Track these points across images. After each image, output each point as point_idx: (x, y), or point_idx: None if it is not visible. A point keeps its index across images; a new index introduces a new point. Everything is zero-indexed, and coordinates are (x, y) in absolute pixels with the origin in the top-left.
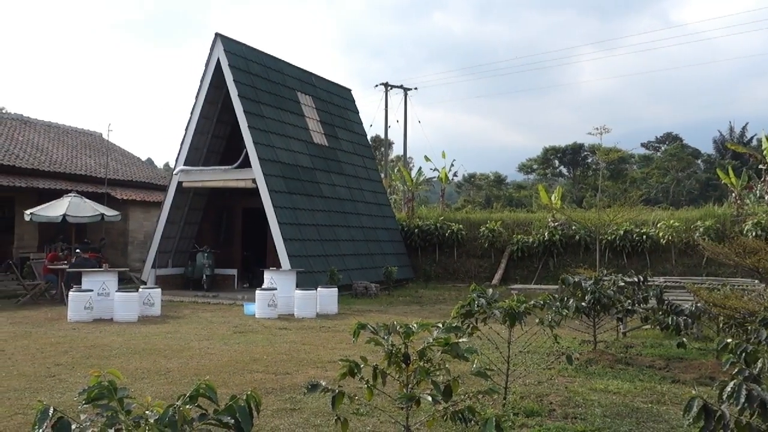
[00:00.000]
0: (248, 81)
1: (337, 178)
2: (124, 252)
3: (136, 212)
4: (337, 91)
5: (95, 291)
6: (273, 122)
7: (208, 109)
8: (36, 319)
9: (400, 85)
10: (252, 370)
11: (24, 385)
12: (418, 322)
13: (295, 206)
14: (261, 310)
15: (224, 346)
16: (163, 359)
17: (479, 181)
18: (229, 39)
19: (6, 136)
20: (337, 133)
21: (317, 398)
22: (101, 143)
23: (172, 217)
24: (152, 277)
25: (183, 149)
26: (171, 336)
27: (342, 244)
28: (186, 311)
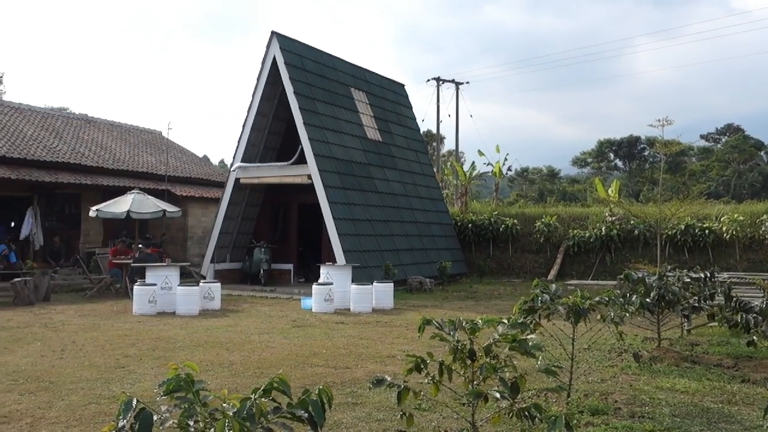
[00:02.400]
0: (303, 78)
1: (391, 174)
2: (184, 247)
3: (194, 208)
4: (391, 87)
5: (158, 285)
6: (327, 118)
7: (265, 107)
8: (103, 311)
9: (451, 80)
10: (312, 363)
11: (95, 375)
12: (483, 318)
13: (350, 202)
14: (318, 305)
15: (284, 340)
16: (225, 352)
17: (532, 175)
18: (285, 37)
19: (72, 135)
20: (390, 128)
21: (378, 392)
22: (161, 141)
23: (229, 212)
24: (211, 272)
25: (240, 146)
26: (232, 329)
27: (396, 239)
28: (245, 305)
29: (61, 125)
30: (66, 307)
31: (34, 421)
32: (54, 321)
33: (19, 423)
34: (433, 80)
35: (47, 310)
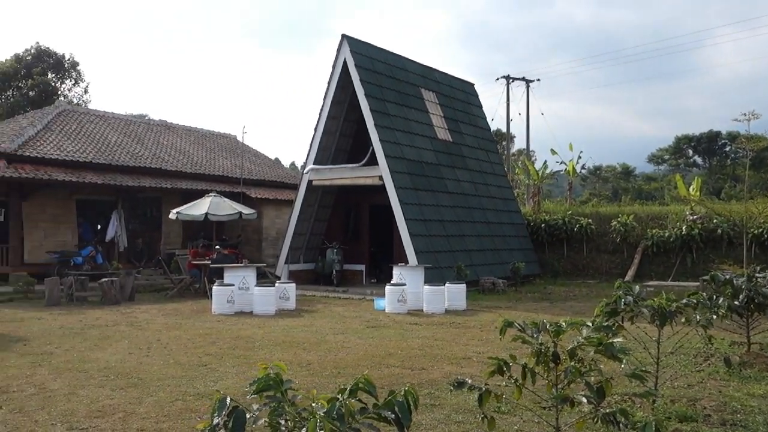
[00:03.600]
0: (374, 80)
1: (462, 174)
2: (258, 248)
3: (268, 210)
4: (460, 86)
5: (236, 285)
6: (398, 119)
7: (336, 109)
8: (183, 311)
9: (522, 77)
10: (388, 364)
11: (180, 373)
12: (566, 320)
13: (421, 202)
14: (391, 305)
15: (359, 340)
16: (302, 351)
17: (605, 173)
18: (355, 39)
19: (153, 140)
20: (460, 128)
21: (457, 394)
22: (236, 145)
23: (303, 214)
24: (285, 272)
25: (312, 149)
26: (307, 329)
27: (468, 239)
28: (319, 305)
29: (143, 131)
30: (149, 307)
31: (126, 416)
32: (139, 320)
33: (112, 417)
34: (503, 78)
35: (132, 309)
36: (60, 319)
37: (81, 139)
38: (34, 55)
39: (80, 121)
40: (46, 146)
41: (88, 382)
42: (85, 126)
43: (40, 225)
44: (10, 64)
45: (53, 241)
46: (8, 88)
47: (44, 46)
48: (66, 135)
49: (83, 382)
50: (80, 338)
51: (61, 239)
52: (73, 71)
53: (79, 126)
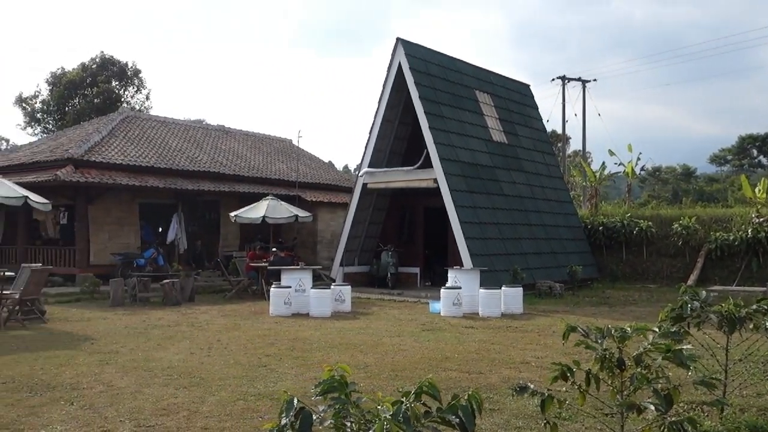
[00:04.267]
0: (428, 82)
1: (518, 176)
2: (314, 250)
3: (323, 213)
4: (515, 88)
5: (293, 287)
6: (453, 122)
7: (390, 113)
8: (242, 312)
9: (577, 78)
10: (446, 368)
11: (241, 373)
12: (631, 326)
13: (476, 205)
14: (446, 309)
15: (415, 343)
16: (359, 354)
17: (665, 174)
18: (410, 42)
19: (211, 145)
20: (516, 130)
21: (516, 399)
22: (292, 149)
23: (357, 217)
24: (340, 275)
25: (367, 152)
26: (364, 331)
27: (524, 242)
28: (374, 308)
29: (201, 136)
30: (209, 308)
31: (190, 415)
32: (199, 320)
33: (177, 416)
34: (558, 79)
35: (193, 310)
36: (124, 319)
37: (143, 144)
38: (99, 64)
39: (142, 126)
40: (111, 151)
41: (153, 380)
42: (147, 131)
43: (105, 228)
44: (77, 73)
45: (117, 243)
46: (75, 96)
47: (108, 55)
48: (129, 140)
49: (148, 380)
50: (144, 338)
51: (125, 241)
52: (136, 79)
53: (142, 132)
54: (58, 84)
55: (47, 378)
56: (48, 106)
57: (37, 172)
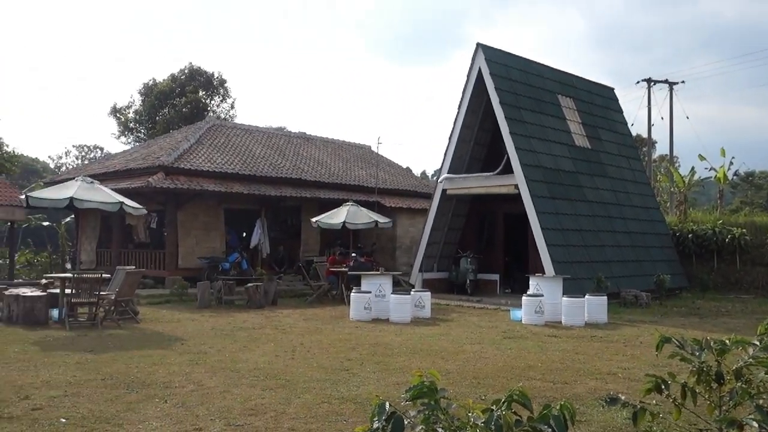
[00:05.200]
0: (509, 87)
1: (601, 182)
2: (392, 256)
3: (402, 218)
4: (599, 91)
5: (373, 293)
6: (534, 127)
7: (470, 118)
8: (323, 316)
9: (664, 80)
10: (528, 377)
11: (324, 376)
12: (730, 338)
13: (558, 211)
14: (527, 316)
15: (497, 351)
16: (441, 360)
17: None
18: (490, 48)
19: (293, 152)
20: (599, 134)
21: (605, 411)
22: (371, 155)
23: (436, 223)
24: (419, 281)
25: (446, 158)
26: (444, 338)
27: (608, 249)
28: (453, 314)
29: (283, 143)
30: (291, 311)
31: (277, 416)
32: (282, 324)
33: (264, 416)
34: (644, 82)
35: (276, 313)
36: (211, 321)
37: (228, 151)
38: (188, 74)
39: (228, 134)
40: (198, 159)
41: (240, 381)
42: (232, 139)
43: (193, 232)
44: (167, 83)
45: (204, 247)
46: (165, 106)
47: (196, 66)
48: (215, 148)
49: (236, 381)
50: (230, 339)
51: (211, 245)
52: (221, 88)
53: (227, 139)
54: (150, 94)
55: (142, 376)
56: (140, 115)
57: (130, 178)
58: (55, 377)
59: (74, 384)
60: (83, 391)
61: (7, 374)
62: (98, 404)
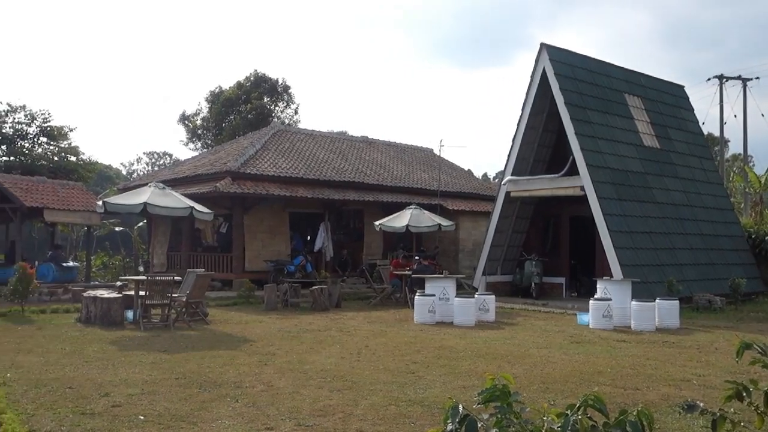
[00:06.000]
0: (574, 87)
1: (671, 182)
2: (455, 259)
3: (465, 221)
4: (668, 89)
5: (437, 296)
6: (600, 127)
7: (534, 119)
8: (386, 319)
9: (737, 76)
10: (598, 382)
11: (390, 378)
12: None
13: (626, 213)
14: (595, 321)
15: (564, 356)
16: (507, 364)
17: None
18: (554, 47)
19: (355, 156)
20: (669, 134)
21: (679, 418)
22: (433, 158)
23: (500, 226)
24: (483, 284)
25: (510, 160)
26: (509, 342)
27: (678, 252)
28: (518, 318)
29: (346, 147)
30: (355, 314)
31: (345, 417)
32: (347, 326)
33: (333, 417)
34: (715, 78)
35: (340, 315)
36: (278, 323)
37: (293, 156)
38: (253, 81)
39: (292, 140)
40: (264, 164)
41: (308, 382)
42: (296, 144)
43: (258, 236)
44: (233, 91)
45: (269, 250)
46: (231, 113)
47: (261, 73)
48: (280, 153)
49: (304, 382)
50: (297, 341)
51: (276, 249)
52: (285, 94)
53: (291, 144)
54: (216, 102)
55: (213, 376)
56: (207, 122)
57: (199, 184)
58: (132, 376)
59: (150, 382)
60: (159, 390)
61: (88, 372)
62: (173, 402)
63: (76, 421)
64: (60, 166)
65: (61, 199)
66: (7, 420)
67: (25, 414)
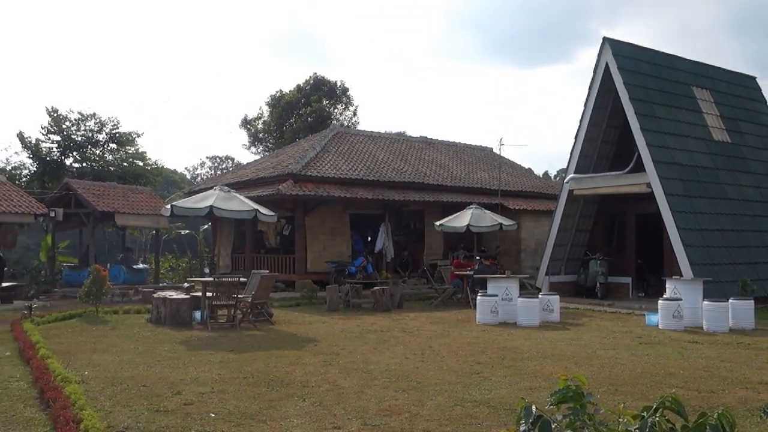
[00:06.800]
0: (638, 82)
1: (744, 178)
2: (517, 259)
3: (526, 221)
4: (739, 81)
5: (499, 296)
6: (667, 122)
7: (597, 116)
8: (448, 319)
9: None
10: (669, 384)
11: (455, 379)
12: None
13: (696, 210)
14: (665, 321)
15: (633, 357)
16: (573, 366)
17: None
18: (617, 41)
19: (415, 156)
20: (740, 127)
21: (759, 422)
22: (493, 157)
23: (563, 224)
24: (546, 284)
25: (573, 158)
26: (575, 343)
27: (753, 251)
28: (584, 319)
29: (405, 148)
30: (417, 314)
31: (412, 417)
32: (410, 326)
33: (399, 417)
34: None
35: (402, 316)
36: (341, 323)
37: (353, 158)
38: (312, 85)
39: (351, 141)
40: (324, 166)
41: (373, 382)
42: (356, 146)
43: (320, 237)
44: (293, 94)
45: (331, 251)
46: (291, 116)
47: (320, 76)
48: (340, 155)
49: (369, 382)
50: (360, 341)
51: (337, 250)
52: (344, 96)
53: (351, 146)
54: (277, 106)
55: (280, 375)
56: (268, 126)
57: (261, 187)
58: (202, 375)
59: (219, 381)
60: (228, 388)
61: (160, 371)
62: (242, 401)
63: (151, 418)
64: (128, 171)
65: (131, 203)
66: (87, 416)
67: (103, 411)
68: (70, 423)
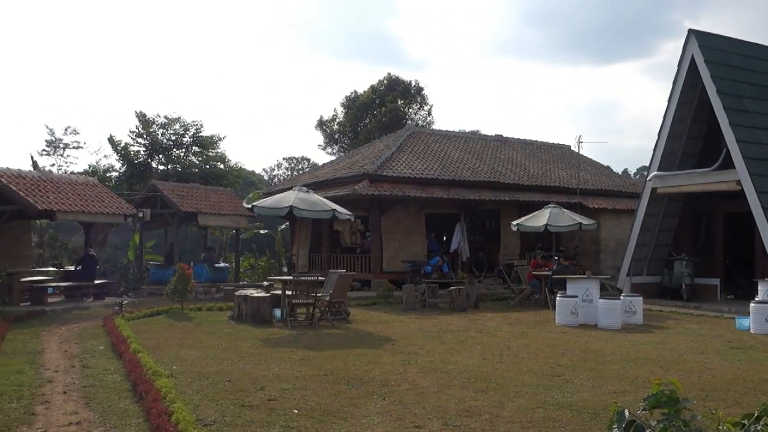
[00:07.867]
0: (727, 75)
1: None
2: (597, 259)
3: (606, 220)
4: None
5: (579, 297)
6: (759, 116)
7: (682, 111)
8: (527, 320)
9: None
10: (765, 391)
11: (535, 381)
12: None
13: None
14: (757, 325)
15: (723, 362)
16: (659, 370)
17: None
18: (704, 33)
19: (490, 155)
20: None
21: None
22: (571, 155)
23: (646, 224)
24: (627, 285)
25: (656, 155)
26: (661, 346)
27: None
28: (668, 321)
29: (480, 147)
30: (494, 315)
31: (492, 418)
32: (487, 327)
33: (480, 418)
34: None
35: (478, 316)
36: (417, 323)
37: (428, 157)
38: (387, 85)
39: (426, 141)
40: (400, 166)
41: (452, 382)
42: (431, 145)
43: (395, 237)
44: (368, 95)
45: (406, 251)
46: (366, 117)
47: (394, 76)
48: (415, 155)
49: (448, 382)
50: (438, 341)
51: (413, 249)
52: (418, 96)
53: (426, 146)
54: (352, 106)
55: (359, 373)
56: (343, 127)
57: (337, 187)
58: (283, 371)
59: (300, 378)
60: (309, 385)
61: (244, 367)
62: (323, 398)
63: (237, 412)
64: (210, 172)
65: (213, 204)
66: (177, 409)
67: (192, 404)
68: (162, 415)
